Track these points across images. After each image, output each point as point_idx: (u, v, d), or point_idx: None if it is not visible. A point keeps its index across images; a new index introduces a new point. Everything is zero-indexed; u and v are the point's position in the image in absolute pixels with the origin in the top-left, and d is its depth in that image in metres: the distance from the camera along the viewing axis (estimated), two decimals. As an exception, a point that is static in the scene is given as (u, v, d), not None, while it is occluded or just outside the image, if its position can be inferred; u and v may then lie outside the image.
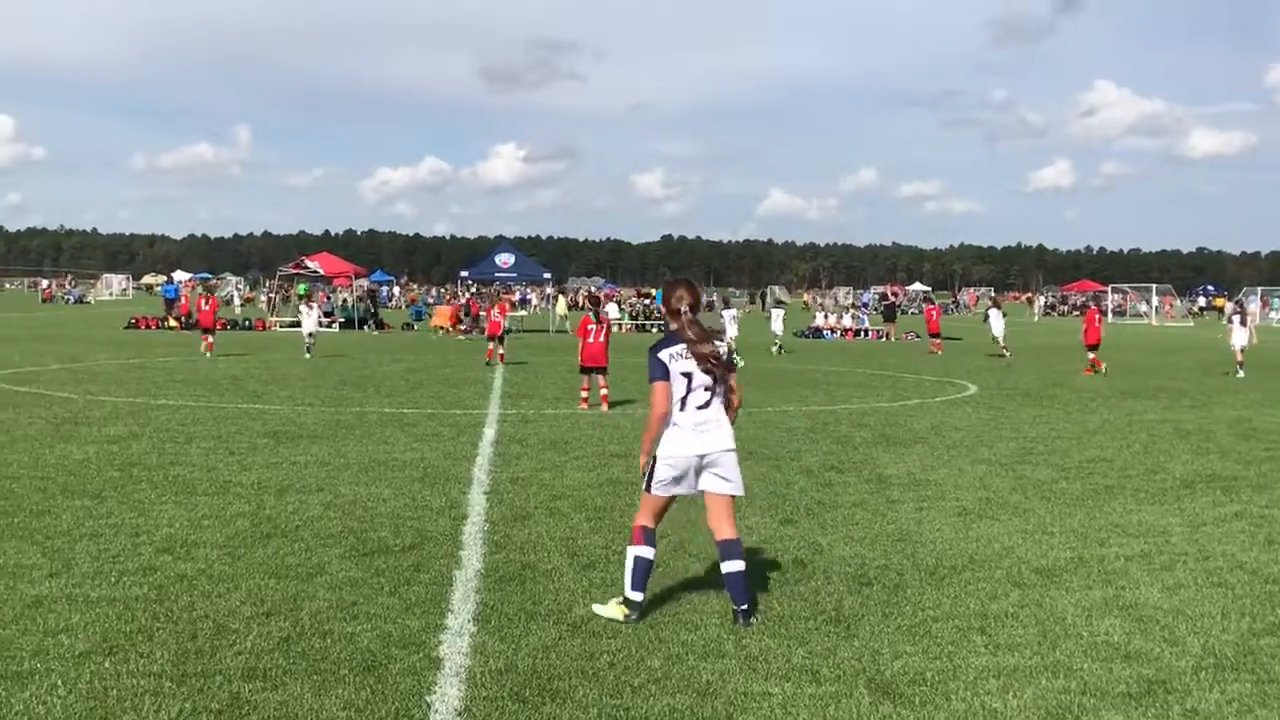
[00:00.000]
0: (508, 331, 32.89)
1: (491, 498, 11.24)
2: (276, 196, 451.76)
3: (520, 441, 15.27)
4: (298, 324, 41.21)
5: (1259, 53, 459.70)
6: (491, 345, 30.93)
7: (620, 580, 7.57)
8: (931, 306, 47.93)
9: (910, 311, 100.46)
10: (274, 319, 55.30)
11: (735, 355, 32.71)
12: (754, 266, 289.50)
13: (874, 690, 6.02)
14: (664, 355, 7.33)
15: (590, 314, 20.53)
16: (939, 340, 41.17)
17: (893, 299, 62.15)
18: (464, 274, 62.10)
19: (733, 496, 7.46)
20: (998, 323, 38.38)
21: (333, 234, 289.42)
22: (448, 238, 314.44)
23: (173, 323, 50.81)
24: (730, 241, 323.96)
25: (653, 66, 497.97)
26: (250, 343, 40.18)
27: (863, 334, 54.50)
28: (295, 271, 62.56)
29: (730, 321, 34.27)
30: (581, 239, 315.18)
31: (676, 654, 6.55)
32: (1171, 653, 6.72)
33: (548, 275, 62.23)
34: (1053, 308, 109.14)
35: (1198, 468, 13.91)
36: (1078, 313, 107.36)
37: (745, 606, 7.22)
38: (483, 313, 46.13)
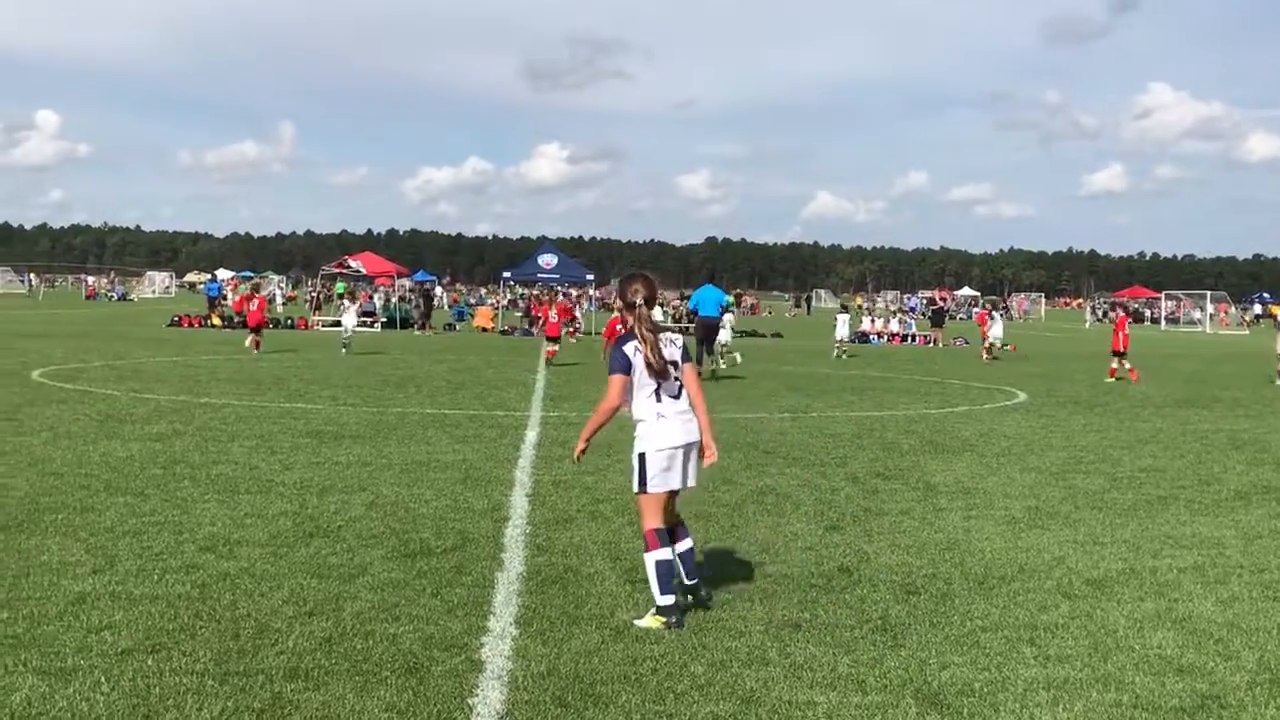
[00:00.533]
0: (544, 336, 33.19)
1: (534, 500, 11.26)
2: (319, 195, 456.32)
3: (563, 444, 15.29)
4: (339, 323, 41.64)
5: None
6: (550, 346, 31.52)
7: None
8: (982, 311, 48.85)
9: (959, 317, 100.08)
10: (316, 318, 55.68)
11: (737, 356, 33.03)
12: (799, 270, 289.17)
13: (921, 701, 5.99)
14: (629, 349, 7.47)
15: (619, 314, 20.68)
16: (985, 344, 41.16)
17: (940, 304, 61.95)
18: (506, 274, 62.33)
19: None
20: (996, 327, 39.62)
21: (375, 233, 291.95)
22: (490, 238, 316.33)
23: (216, 320, 51.22)
24: (775, 244, 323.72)
25: (700, 66, 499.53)
26: (292, 342, 40.47)
27: (910, 339, 54.22)
28: (338, 271, 63.01)
29: (724, 326, 34.82)
30: (624, 240, 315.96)
31: (720, 661, 6.54)
32: (1226, 667, 6.65)
33: (590, 277, 62.30)
34: (1105, 314, 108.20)
35: (1253, 479, 13.76)
36: (1131, 320, 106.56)
37: (697, 580, 7.66)
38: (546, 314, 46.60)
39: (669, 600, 7.21)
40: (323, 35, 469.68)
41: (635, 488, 7.49)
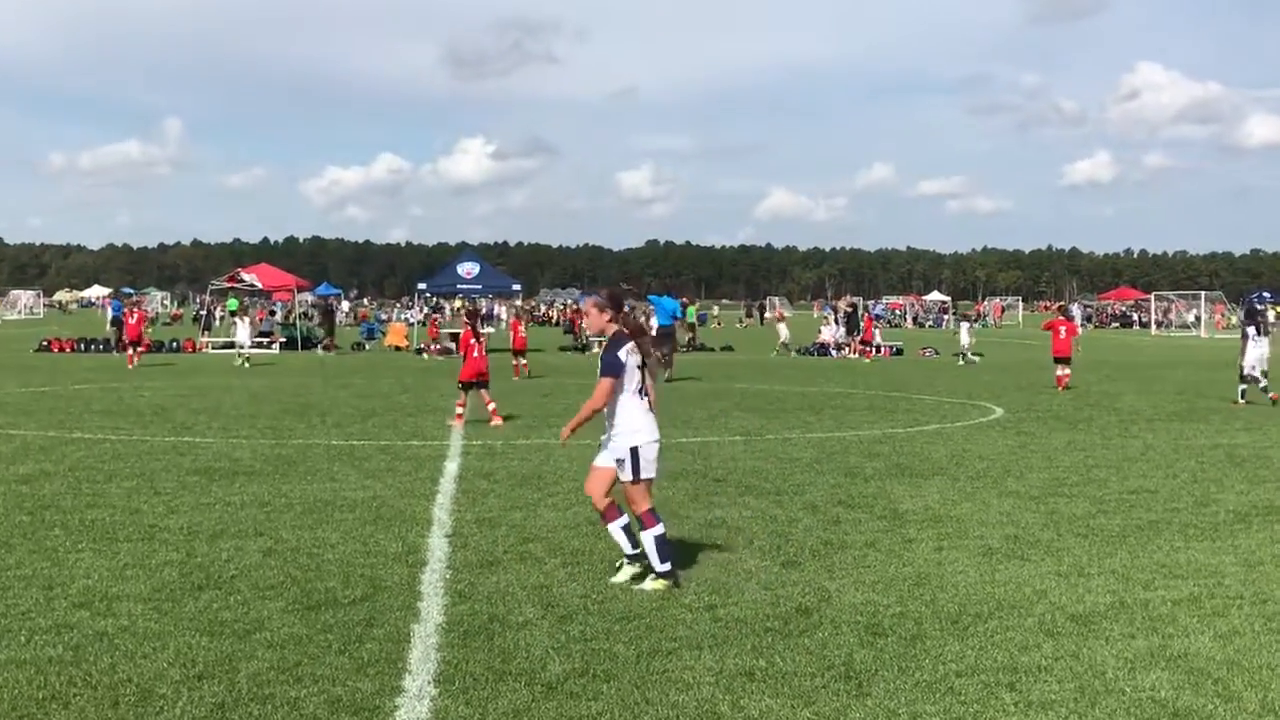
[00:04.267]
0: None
1: (454, 541, 11.23)
2: (210, 200, 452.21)
3: (487, 476, 15.26)
4: (233, 343, 41.67)
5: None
6: (516, 361, 35.38)
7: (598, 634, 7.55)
8: (869, 316, 58.96)
9: (927, 324, 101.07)
10: (205, 339, 55.11)
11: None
12: (750, 275, 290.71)
13: (889, 756, 6.03)
14: (623, 353, 9.35)
15: (470, 329, 22.93)
16: (869, 349, 48.71)
17: (849, 310, 63.07)
18: (421, 285, 62.19)
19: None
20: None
21: (272, 242, 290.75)
22: (403, 245, 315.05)
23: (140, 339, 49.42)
24: (725, 246, 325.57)
25: (640, 49, 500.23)
26: (178, 366, 40.08)
27: (875, 349, 54.39)
28: (229, 285, 62.46)
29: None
30: (555, 245, 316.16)
31: (666, 717, 6.54)
32: (1226, 709, 6.75)
33: (517, 286, 62.26)
34: (1090, 318, 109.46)
35: (1253, 499, 13.97)
36: (1117, 324, 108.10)
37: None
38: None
39: (667, 567, 9.32)
40: (215, 21, 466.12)
41: (629, 478, 9.37)
